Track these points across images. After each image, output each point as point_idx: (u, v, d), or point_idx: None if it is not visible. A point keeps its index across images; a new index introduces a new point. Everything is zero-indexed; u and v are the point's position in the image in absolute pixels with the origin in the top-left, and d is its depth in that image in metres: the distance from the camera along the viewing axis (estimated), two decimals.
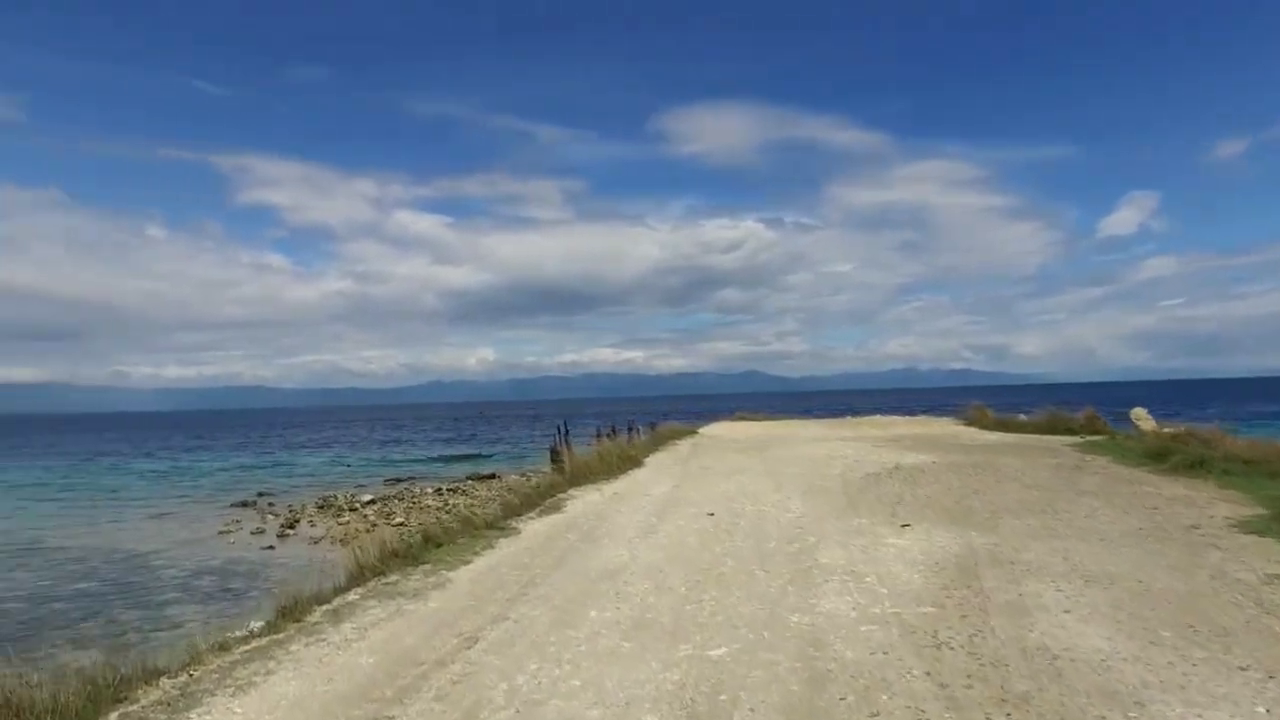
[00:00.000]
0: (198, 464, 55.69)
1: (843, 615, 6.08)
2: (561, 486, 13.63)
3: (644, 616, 6.18)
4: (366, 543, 22.75)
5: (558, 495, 12.89)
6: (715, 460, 17.39)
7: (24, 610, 16.78)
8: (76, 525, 28.25)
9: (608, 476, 14.58)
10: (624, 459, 16.20)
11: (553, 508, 11.69)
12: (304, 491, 35.53)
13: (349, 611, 6.84)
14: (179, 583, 18.71)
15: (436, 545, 9.25)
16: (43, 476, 49.69)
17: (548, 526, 10.29)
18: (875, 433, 25.88)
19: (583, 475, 14.38)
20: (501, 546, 9.23)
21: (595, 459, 15.87)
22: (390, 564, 8.38)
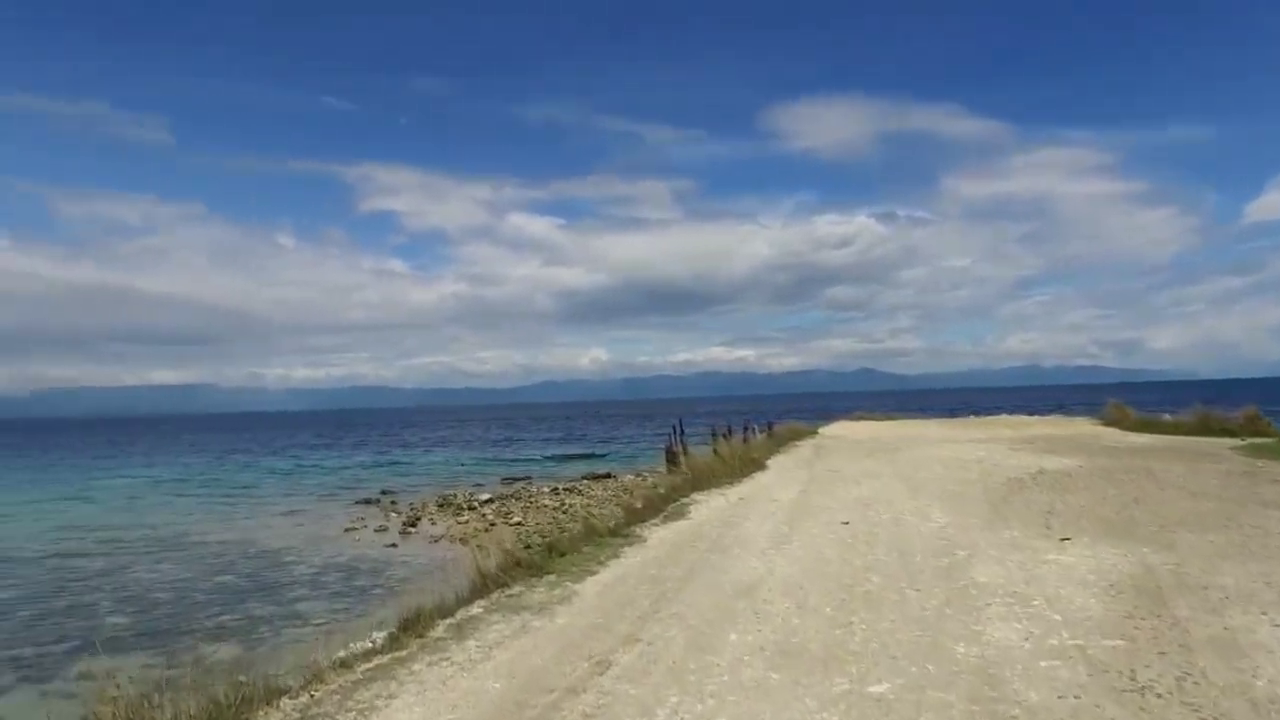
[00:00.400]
0: (323, 462, 57.78)
1: (1015, 646, 5.38)
2: (684, 490, 13.17)
3: (789, 641, 5.63)
4: (486, 542, 22.88)
5: (681, 500, 12.43)
6: (842, 463, 16.64)
7: (170, 601, 17.46)
8: (215, 520, 29.48)
9: (731, 480, 14.04)
10: (746, 461, 15.62)
11: (677, 514, 11.23)
12: (424, 490, 36.21)
13: (472, 627, 6.55)
14: (308, 579, 19.16)
15: (560, 554, 8.90)
16: (183, 473, 52.52)
17: (674, 534, 9.84)
18: (1008, 433, 24.48)
19: (705, 478, 13.88)
20: (627, 556, 8.83)
21: (716, 461, 15.36)
22: (513, 574, 8.07)
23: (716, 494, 12.85)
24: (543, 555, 8.77)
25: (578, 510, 26.27)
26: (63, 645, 14.61)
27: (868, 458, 18.02)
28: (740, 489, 13.27)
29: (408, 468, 48.94)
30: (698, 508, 11.59)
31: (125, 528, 28.33)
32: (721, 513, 10.98)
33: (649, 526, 10.54)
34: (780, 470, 15.83)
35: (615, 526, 10.34)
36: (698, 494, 12.95)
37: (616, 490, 30.77)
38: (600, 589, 7.43)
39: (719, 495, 12.64)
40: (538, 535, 23.57)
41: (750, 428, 38.13)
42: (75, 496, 39.97)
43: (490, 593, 7.64)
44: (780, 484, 13.66)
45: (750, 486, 13.44)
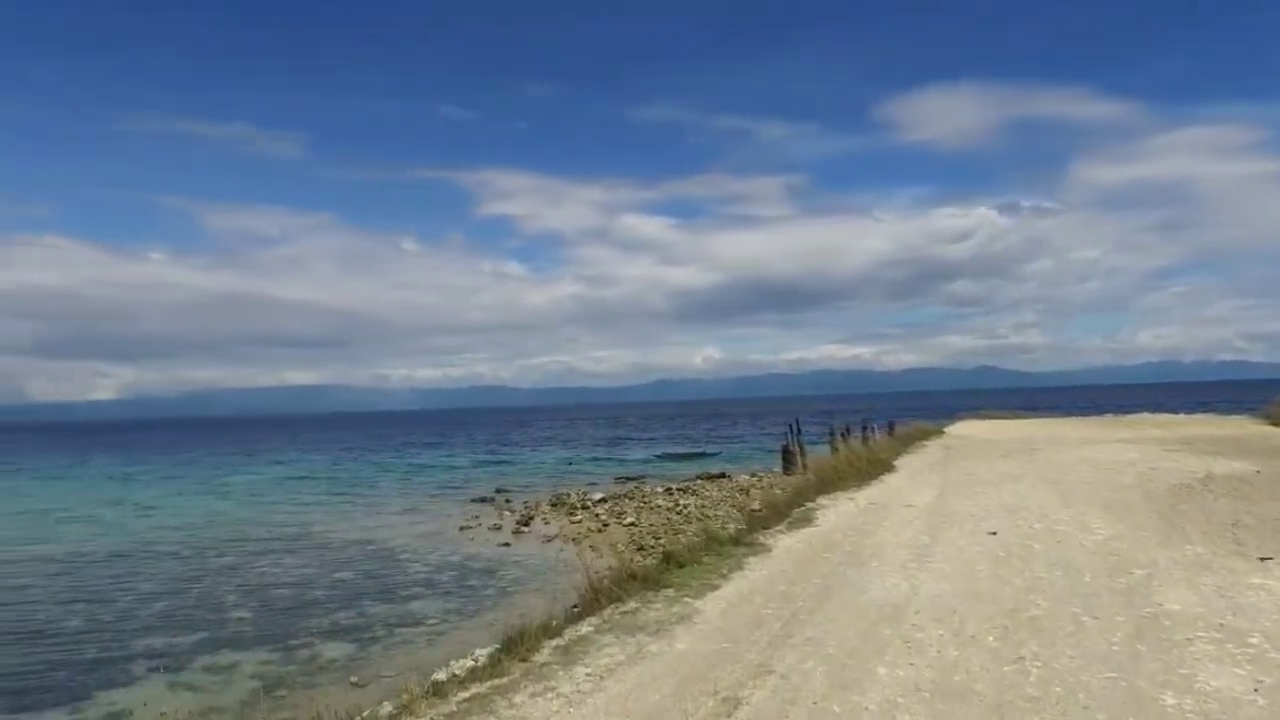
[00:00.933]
0: (440, 460, 58.93)
1: (1243, 700, 4.36)
2: (808, 494, 12.31)
3: (950, 680, 4.76)
4: (598, 542, 22.41)
5: (806, 505, 11.57)
6: (976, 465, 15.41)
7: (290, 597, 17.67)
8: (336, 517, 30.11)
9: (857, 482, 13.09)
10: (872, 462, 14.60)
11: (803, 519, 10.41)
12: (538, 488, 36.25)
13: (582, 650, 5.90)
14: (423, 578, 19.11)
15: (678, 565, 8.18)
16: (309, 470, 54.44)
17: (802, 544, 9.03)
18: (1157, 433, 22.47)
19: (829, 481, 12.98)
20: (752, 568, 8.07)
21: (839, 462, 14.40)
22: (627, 588, 7.39)
23: (844, 498, 11.94)
24: (659, 566, 8.05)
25: (692, 511, 25.59)
26: (192, 637, 14.86)
27: (1004, 459, 16.68)
28: (869, 492, 12.31)
29: (521, 466, 49.32)
30: (825, 513, 10.72)
31: (253, 523, 29.23)
32: (851, 519, 10.10)
33: (773, 534, 9.75)
34: (910, 472, 14.73)
35: (737, 534, 9.57)
36: (823, 498, 12.07)
37: (731, 491, 29.95)
38: (724, 607, 6.68)
39: (846, 500, 11.73)
40: (651, 536, 23.04)
41: (869, 427, 36.49)
42: (211, 492, 41.80)
43: (602, 608, 6.99)
44: (912, 487, 12.62)
45: (879, 490, 12.46)
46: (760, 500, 27.00)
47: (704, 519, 24.44)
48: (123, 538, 26.81)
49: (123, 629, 15.65)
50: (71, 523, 31.40)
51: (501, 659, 5.73)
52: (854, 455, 15.25)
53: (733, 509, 25.90)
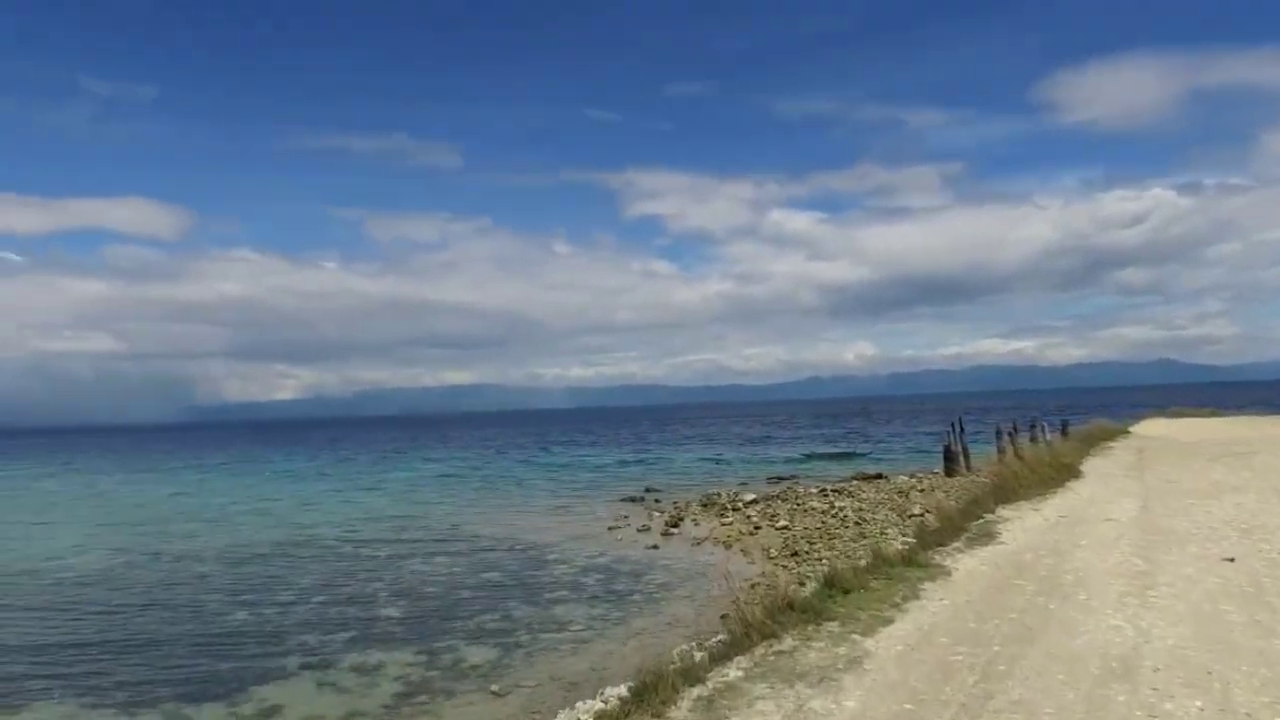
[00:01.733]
0: (589, 459, 59.25)
1: None
2: (985, 503, 10.89)
3: None
4: (750, 546, 21.34)
5: (984, 516, 10.22)
6: (1180, 471, 13.45)
7: (438, 595, 17.63)
8: (487, 515, 30.40)
9: (1041, 490, 11.56)
10: (1055, 466, 12.93)
11: (984, 535, 9.12)
12: (688, 488, 35.57)
13: (728, 703, 4.91)
14: (569, 580, 18.71)
15: (843, 591, 7.08)
16: (462, 467, 55.87)
17: (987, 566, 7.76)
18: None
19: (1007, 487, 11.49)
20: (929, 597, 6.90)
21: (1016, 466, 12.81)
22: (784, 620, 6.36)
23: (1027, 509, 10.48)
24: (820, 592, 6.98)
25: (849, 515, 24.19)
26: (342, 635, 14.93)
27: (1212, 464, 14.55)
28: (1057, 503, 10.79)
29: (669, 465, 48.82)
30: (1008, 528, 9.38)
31: (406, 520, 29.88)
32: (1043, 536, 8.74)
33: (950, 552, 8.51)
34: (1101, 478, 12.97)
35: (908, 552, 8.35)
36: (1003, 508, 10.64)
37: (890, 493, 28.25)
38: (900, 650, 5.53)
39: (1031, 511, 10.29)
40: (805, 541, 21.83)
41: (1040, 426, 33.72)
42: (369, 488, 43.39)
43: (753, 645, 5.96)
44: (1108, 497, 11.01)
45: (1068, 500, 10.92)
46: (922, 505, 25.26)
47: (861, 523, 23.00)
48: (288, 532, 27.91)
49: (282, 624, 15.96)
50: (247, 516, 33.12)
51: (632, 711, 4.86)
52: (1030, 458, 13.59)
53: (892, 513, 24.31)
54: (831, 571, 7.49)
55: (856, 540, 20.72)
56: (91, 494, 47.79)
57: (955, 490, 27.86)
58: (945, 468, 32.76)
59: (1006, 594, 6.76)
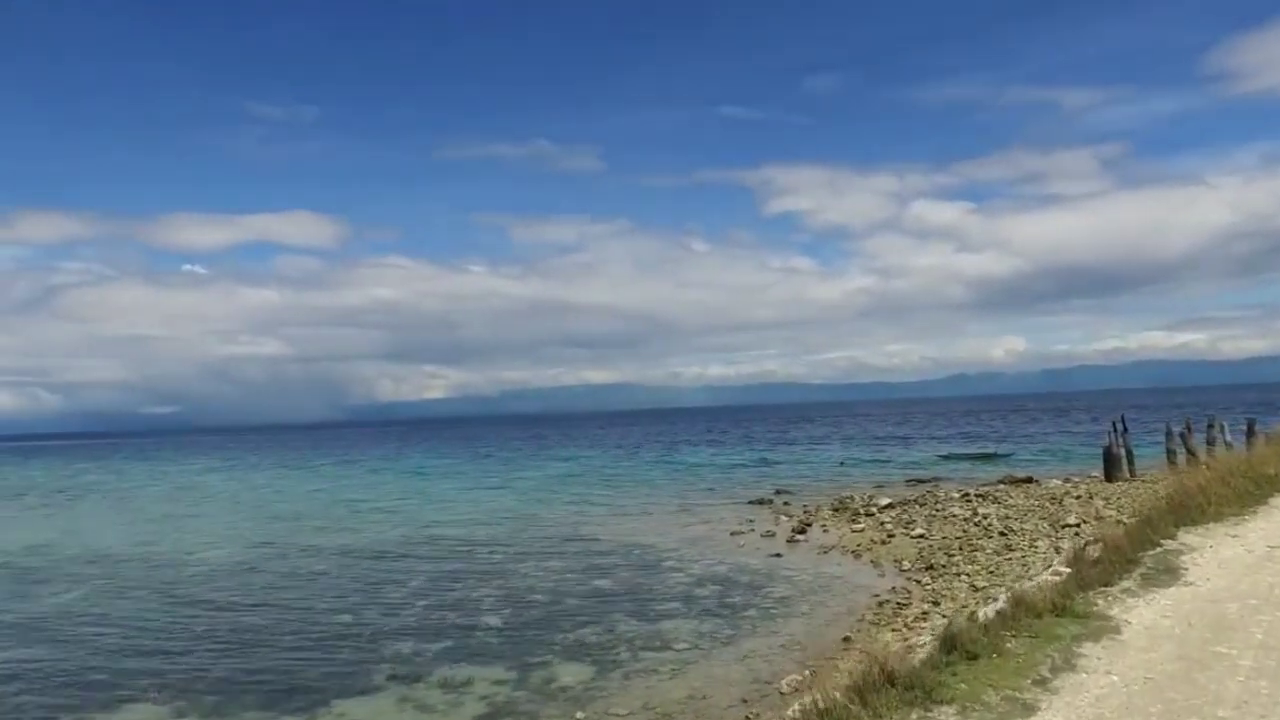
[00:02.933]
0: (720, 458, 57.91)
1: None
2: (1163, 524, 8.70)
3: None
4: (881, 556, 19.44)
5: (1162, 542, 8.07)
6: None
7: (543, 604, 16.84)
8: (608, 517, 29.69)
9: (1237, 508, 9.32)
10: (1252, 477, 10.59)
11: (1164, 570, 7.02)
12: (820, 490, 33.89)
13: None
14: (682, 591, 17.57)
15: (967, 656, 5.24)
16: (594, 466, 55.61)
17: (1172, 619, 5.70)
18: None
19: (1192, 504, 9.33)
20: (1090, 667, 4.86)
21: (1203, 475, 10.57)
22: (883, 700, 4.62)
23: (1221, 534, 8.37)
24: (935, 659, 5.18)
25: (993, 524, 21.97)
26: (438, 644, 14.34)
27: None
28: (1262, 527, 8.65)
29: (803, 466, 46.91)
30: (1197, 560, 7.29)
31: (529, 521, 29.52)
32: (1249, 576, 6.68)
33: (1119, 596, 6.46)
34: None
35: (1060, 595, 6.33)
36: (1187, 533, 8.51)
37: (1041, 500, 25.72)
38: None
39: (1227, 537, 8.17)
40: (943, 553, 19.80)
41: (1218, 425, 29.86)
42: (501, 487, 43.56)
43: None
44: None
45: (1272, 523, 8.74)
46: (1079, 514, 22.66)
47: (1008, 533, 20.76)
48: (411, 531, 27.99)
49: (382, 629, 15.55)
50: (375, 513, 33.63)
51: None
52: (1218, 465, 11.34)
53: (1043, 522, 21.91)
54: (952, 628, 5.44)
55: (1001, 553, 18.61)
56: (244, 488, 50.24)
57: (1117, 498, 24.99)
58: (1105, 472, 29.69)
59: (1208, 664, 4.80)
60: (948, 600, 15.09)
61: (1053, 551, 18.35)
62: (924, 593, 15.96)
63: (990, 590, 15.29)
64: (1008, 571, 16.57)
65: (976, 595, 15.12)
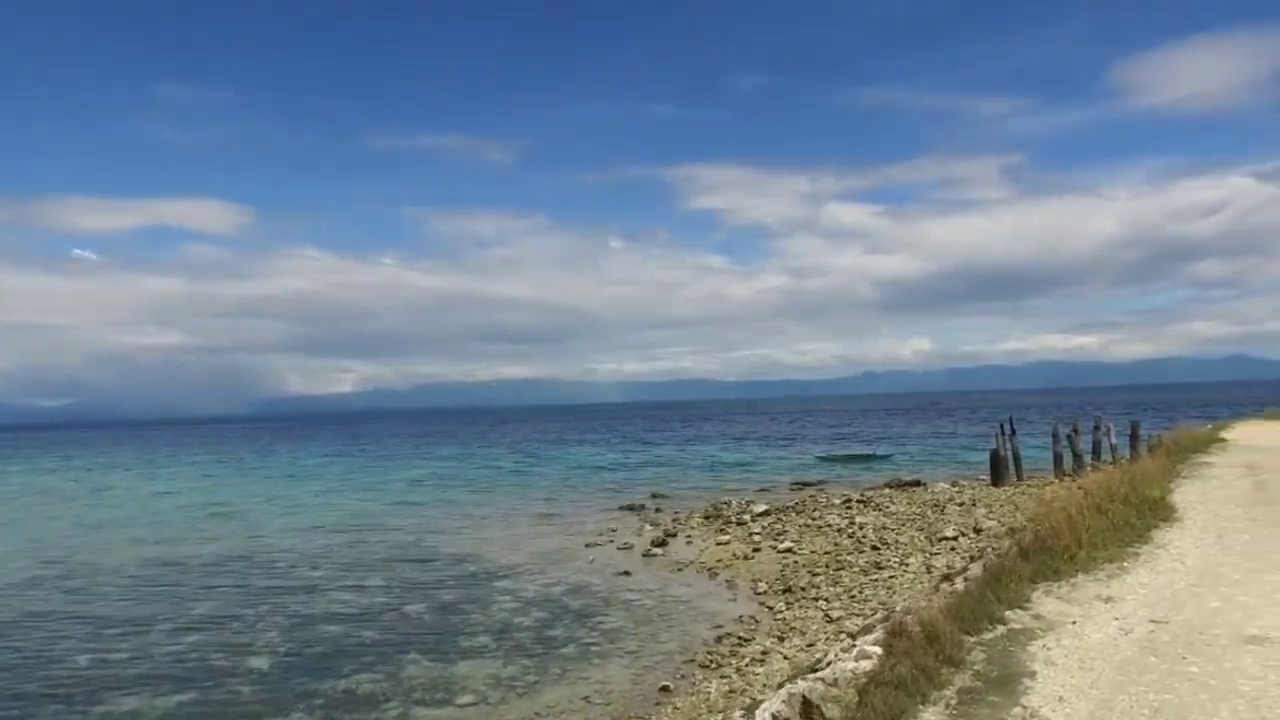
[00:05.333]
0: (611, 457, 55.84)
1: None
2: (1013, 582, 6.15)
3: None
4: (740, 575, 17.14)
5: (1007, 615, 5.51)
6: None
7: (332, 639, 14.28)
8: (464, 524, 27.20)
9: (1113, 548, 7.05)
10: (1132, 501, 8.44)
11: (997, 679, 4.38)
12: (702, 493, 31.98)
13: None
14: (501, 620, 15.08)
15: None
16: (475, 464, 52.64)
17: None
18: None
19: (1057, 545, 6.93)
20: None
21: (1078, 498, 8.34)
22: None
23: (1092, 594, 5.99)
24: None
25: (868, 535, 20.11)
26: (175, 698, 11.68)
27: None
28: (1142, 580, 6.37)
29: (694, 465, 44.97)
30: (1051, 651, 4.67)
31: (377, 529, 26.95)
32: (1124, 682, 4.31)
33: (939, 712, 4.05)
34: (1211, 524, 8.12)
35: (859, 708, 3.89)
36: (1047, 594, 6.05)
37: (924, 506, 24.12)
38: None
39: (1099, 601, 5.76)
40: (807, 571, 17.66)
41: (1104, 427, 28.93)
42: (368, 488, 40.59)
43: None
44: (1233, 568, 6.52)
45: (1163, 572, 6.43)
46: (957, 526, 20.85)
47: (881, 547, 18.81)
48: (239, 542, 25.04)
49: (115, 677, 12.65)
50: (213, 520, 30.38)
51: None
52: (1097, 484, 9.28)
53: (920, 534, 20.07)
54: None
55: (869, 572, 16.59)
56: (86, 490, 45.64)
57: (1001, 505, 23.48)
58: (992, 476, 28.36)
59: None
60: (796, 634, 12.94)
61: (924, 571, 16.49)
62: (773, 624, 13.78)
63: (846, 622, 13.22)
64: (870, 597, 14.56)
65: (830, 628, 13.02)
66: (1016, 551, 6.68)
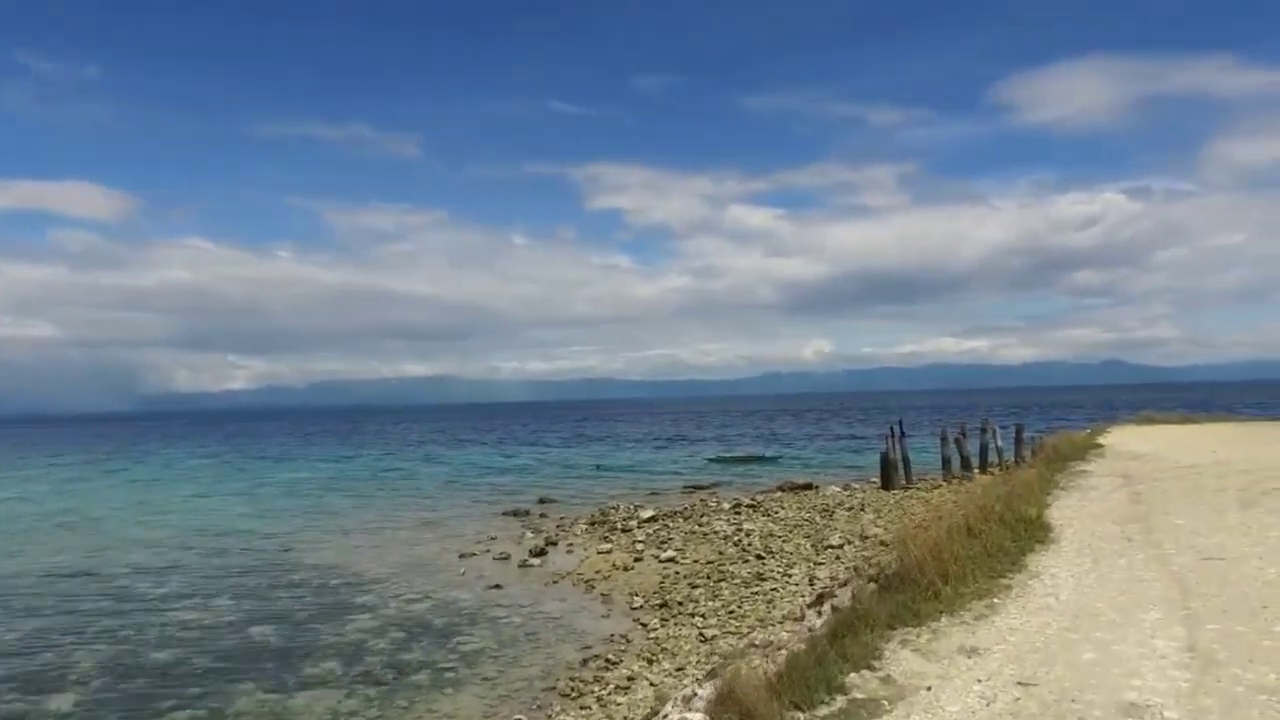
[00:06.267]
0: (504, 459, 54.47)
1: None
2: (868, 625, 5.15)
3: None
4: (617, 587, 16.24)
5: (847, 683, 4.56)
6: (1205, 523, 8.29)
7: (155, 670, 12.89)
8: (335, 532, 25.58)
9: (983, 581, 6.32)
10: (1007, 523, 7.77)
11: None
12: (592, 498, 31.02)
13: None
14: (353, 643, 13.83)
15: None
16: (360, 467, 50.51)
17: None
18: None
19: (922, 580, 6.14)
20: None
21: (945, 526, 7.45)
22: None
23: (955, 645, 5.12)
24: None
25: (754, 543, 19.52)
26: None
27: (1249, 510, 9.58)
28: (1012, 624, 5.70)
29: (586, 467, 43.85)
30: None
31: (242, 536, 25.24)
32: None
33: None
34: (1086, 548, 7.43)
35: None
36: (900, 641, 5.17)
37: (813, 511, 23.74)
38: None
39: (960, 656, 4.89)
40: (687, 584, 16.85)
41: (991, 431, 29.33)
42: (241, 493, 38.28)
43: None
44: (1108, 604, 5.72)
45: (1033, 613, 5.62)
46: (843, 534, 20.44)
47: (766, 556, 18.21)
48: (81, 556, 22.88)
49: None
50: (60, 530, 27.85)
51: None
52: (975, 499, 8.70)
53: (806, 541, 19.58)
54: None
55: (751, 584, 15.89)
56: None
57: (889, 509, 23.26)
58: (882, 479, 28.33)
59: None
60: (667, 656, 12.12)
61: (806, 582, 15.93)
62: (645, 643, 12.94)
63: (721, 641, 12.48)
64: (749, 613, 13.86)
65: (703, 649, 12.23)
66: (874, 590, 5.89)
